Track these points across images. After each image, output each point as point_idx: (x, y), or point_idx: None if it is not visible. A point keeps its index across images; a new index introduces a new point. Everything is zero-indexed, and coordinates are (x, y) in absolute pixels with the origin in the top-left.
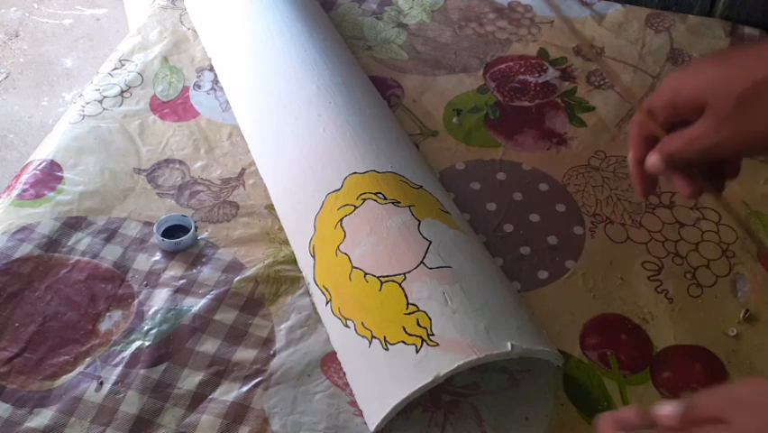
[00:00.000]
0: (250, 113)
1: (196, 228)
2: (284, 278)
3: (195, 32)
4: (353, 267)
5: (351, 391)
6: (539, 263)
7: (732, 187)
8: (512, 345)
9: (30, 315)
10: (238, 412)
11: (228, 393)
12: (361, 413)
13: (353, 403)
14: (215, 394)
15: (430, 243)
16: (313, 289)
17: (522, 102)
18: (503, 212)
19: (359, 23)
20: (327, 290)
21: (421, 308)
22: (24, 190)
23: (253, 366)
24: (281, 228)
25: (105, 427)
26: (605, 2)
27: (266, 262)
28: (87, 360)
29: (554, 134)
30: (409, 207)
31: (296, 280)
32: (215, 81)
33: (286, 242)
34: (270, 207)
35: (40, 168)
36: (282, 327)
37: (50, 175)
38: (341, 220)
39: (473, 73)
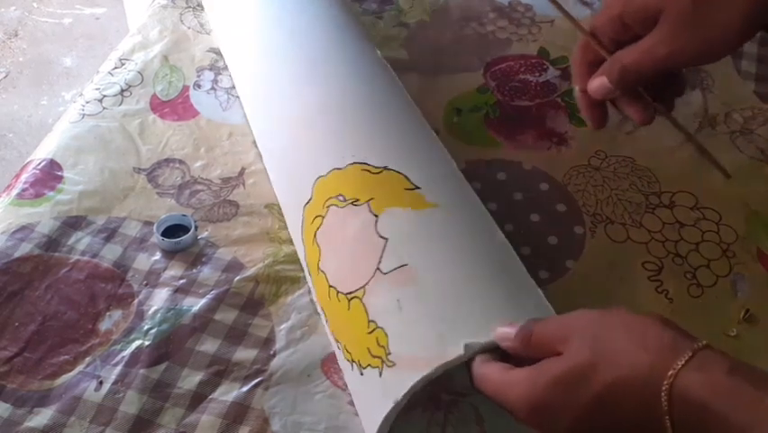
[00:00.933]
0: (251, 116)
1: (196, 228)
2: (284, 278)
3: (195, 31)
4: (329, 285)
5: (350, 391)
6: (539, 263)
7: (732, 186)
8: (465, 346)
9: (29, 314)
10: (238, 412)
11: (228, 393)
12: None
13: (353, 403)
14: (215, 394)
15: (386, 241)
16: (319, 309)
17: (522, 101)
18: (503, 212)
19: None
20: (323, 311)
21: (379, 325)
22: (24, 190)
23: (253, 366)
24: (281, 227)
25: (105, 426)
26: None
27: (266, 261)
28: (87, 359)
29: (555, 134)
30: (368, 201)
31: (296, 280)
32: (215, 81)
33: (286, 241)
34: (270, 207)
35: (39, 167)
36: (282, 327)
37: (50, 174)
38: (315, 235)
39: (473, 72)
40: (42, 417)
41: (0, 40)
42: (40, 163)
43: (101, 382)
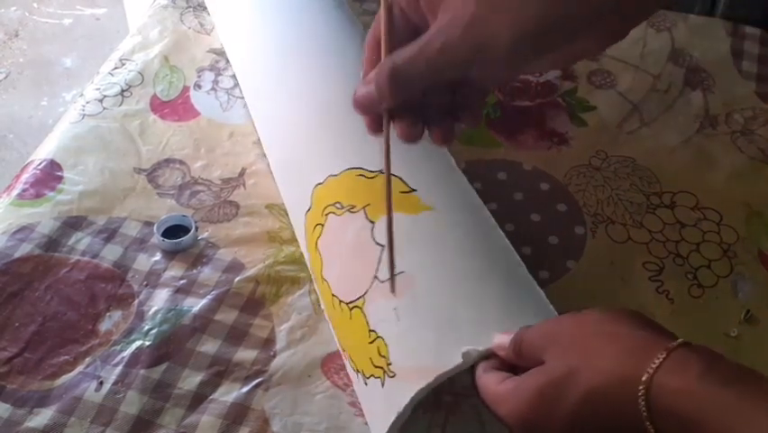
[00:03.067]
0: (256, 118)
1: (196, 228)
2: (285, 278)
3: (195, 31)
4: (332, 295)
5: (351, 391)
6: (540, 263)
7: (733, 187)
8: (464, 354)
9: (30, 315)
10: (238, 413)
11: (228, 394)
12: (361, 413)
13: (353, 404)
14: (216, 395)
15: (383, 248)
16: (326, 317)
17: (522, 101)
18: (504, 212)
19: (360, 22)
20: (329, 319)
21: (379, 334)
22: (24, 190)
23: (254, 367)
24: (282, 228)
25: (105, 427)
26: None
27: (266, 262)
28: (87, 360)
29: (555, 134)
30: (364, 207)
31: (296, 281)
32: (216, 81)
33: (286, 242)
34: (271, 207)
35: (40, 167)
36: (283, 327)
37: (50, 175)
38: (316, 243)
39: None
40: (42, 417)
41: (0, 40)
42: (40, 164)
43: (101, 383)
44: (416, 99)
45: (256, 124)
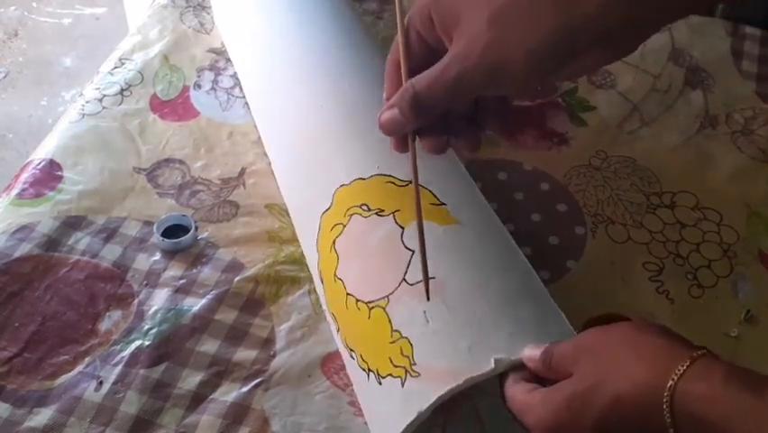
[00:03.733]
0: (260, 119)
1: (196, 228)
2: (284, 278)
3: (195, 30)
4: (347, 293)
5: (351, 391)
6: (540, 263)
7: (733, 187)
8: (496, 361)
9: (29, 314)
10: (238, 413)
11: (228, 394)
12: (361, 413)
13: (353, 403)
14: (215, 395)
15: (413, 253)
16: (328, 317)
17: (522, 101)
18: (504, 212)
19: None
20: (335, 318)
21: (404, 335)
22: (24, 190)
23: (253, 367)
24: (282, 228)
25: (105, 427)
26: None
27: (266, 262)
28: (87, 359)
29: (555, 134)
30: (393, 213)
31: (296, 281)
32: (215, 81)
33: (286, 241)
34: (271, 207)
35: (39, 167)
36: (282, 327)
37: (50, 174)
38: (333, 242)
39: None
40: (42, 417)
41: (0, 40)
42: (39, 163)
43: (101, 383)
44: (440, 117)
45: (259, 123)
